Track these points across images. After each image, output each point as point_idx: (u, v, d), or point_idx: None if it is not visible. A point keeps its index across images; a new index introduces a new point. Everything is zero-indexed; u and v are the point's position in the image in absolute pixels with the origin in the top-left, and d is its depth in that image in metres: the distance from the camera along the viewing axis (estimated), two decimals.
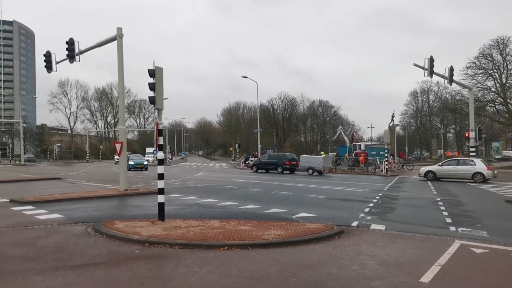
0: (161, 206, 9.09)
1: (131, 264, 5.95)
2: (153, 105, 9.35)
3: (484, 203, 13.82)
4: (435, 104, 78.18)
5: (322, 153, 45.48)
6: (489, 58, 41.56)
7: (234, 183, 21.93)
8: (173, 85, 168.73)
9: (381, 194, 16.14)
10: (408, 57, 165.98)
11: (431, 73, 22.91)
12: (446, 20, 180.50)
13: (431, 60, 22.68)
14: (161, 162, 9.43)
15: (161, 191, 9.10)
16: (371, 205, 12.77)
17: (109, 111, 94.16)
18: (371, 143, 64.46)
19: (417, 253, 6.71)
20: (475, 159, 23.77)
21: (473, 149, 25.57)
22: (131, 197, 15.05)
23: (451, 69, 23.96)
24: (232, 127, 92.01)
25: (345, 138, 65.16)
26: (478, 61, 41.91)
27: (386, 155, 32.16)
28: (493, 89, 42.64)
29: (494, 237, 7.98)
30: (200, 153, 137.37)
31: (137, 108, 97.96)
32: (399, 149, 56.74)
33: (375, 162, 35.15)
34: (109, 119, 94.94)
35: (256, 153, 46.10)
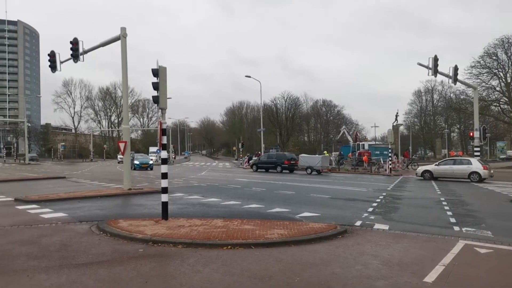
0: (165, 205, 9.11)
1: (134, 262, 5.97)
2: (156, 105, 9.34)
3: (488, 203, 13.75)
4: (439, 103, 77.80)
5: (325, 153, 45.48)
6: (494, 57, 41.43)
7: (237, 182, 21.94)
8: (176, 85, 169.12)
9: (384, 193, 16.09)
10: (412, 56, 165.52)
11: (435, 72, 22.79)
12: (450, 19, 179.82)
13: (435, 59, 22.58)
14: (164, 161, 9.46)
15: (165, 190, 9.12)
16: (375, 204, 12.74)
17: (113, 111, 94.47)
18: (374, 143, 64.34)
19: (421, 253, 6.69)
20: (472, 159, 23.81)
21: (478, 149, 25.44)
22: (134, 196, 15.11)
23: (456, 68, 23.85)
24: (235, 127, 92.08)
25: (349, 137, 65.14)
26: (482, 60, 41.79)
27: (389, 154, 32.10)
28: (497, 89, 42.49)
29: (498, 237, 7.93)
30: (203, 152, 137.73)
31: (141, 107, 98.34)
32: (403, 148, 56.61)
33: (379, 161, 35.13)
34: (113, 118, 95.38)
35: (259, 152, 46.08)
